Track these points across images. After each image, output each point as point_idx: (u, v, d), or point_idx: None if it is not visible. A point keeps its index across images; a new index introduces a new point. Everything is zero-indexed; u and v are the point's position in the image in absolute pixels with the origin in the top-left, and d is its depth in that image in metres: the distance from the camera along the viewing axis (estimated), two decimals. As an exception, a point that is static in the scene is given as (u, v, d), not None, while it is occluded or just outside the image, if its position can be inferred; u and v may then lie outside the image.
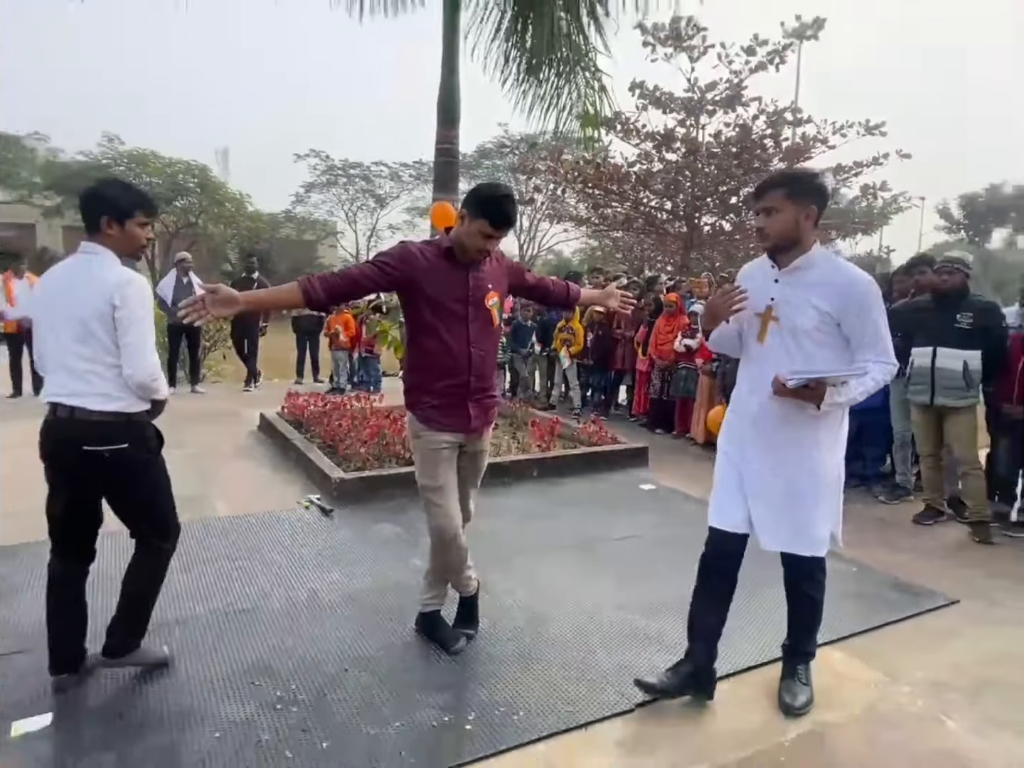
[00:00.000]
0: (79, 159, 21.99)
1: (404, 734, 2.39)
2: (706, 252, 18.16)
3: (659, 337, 7.38)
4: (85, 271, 2.47)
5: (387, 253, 2.72)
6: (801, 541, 2.66)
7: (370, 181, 25.60)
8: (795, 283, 2.43)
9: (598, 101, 7.81)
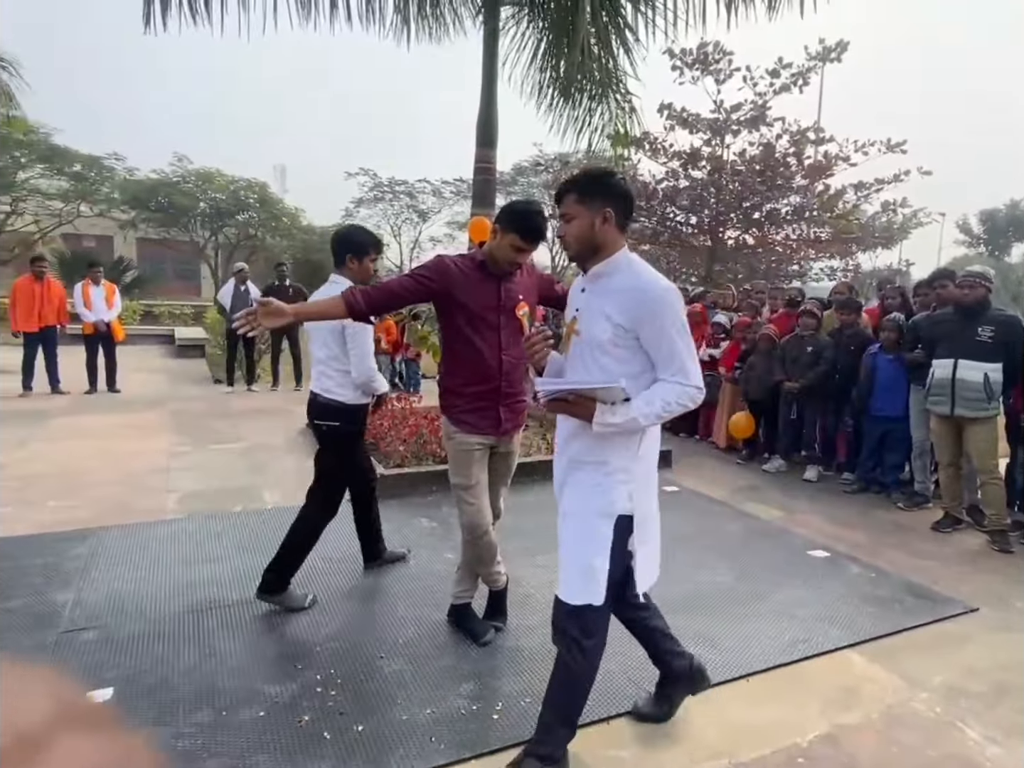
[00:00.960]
0: (152, 176, 22.51)
1: (435, 720, 2.36)
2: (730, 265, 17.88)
3: (684, 345, 7.24)
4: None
5: (424, 266, 2.71)
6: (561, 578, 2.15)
7: (414, 197, 25.76)
8: (597, 292, 2.06)
9: (628, 122, 7.75)
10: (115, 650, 2.71)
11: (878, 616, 3.29)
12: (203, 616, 3.01)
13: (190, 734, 2.24)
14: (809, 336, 5.78)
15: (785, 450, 6.01)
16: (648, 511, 2.15)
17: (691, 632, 3.02)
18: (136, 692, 2.45)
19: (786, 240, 15.47)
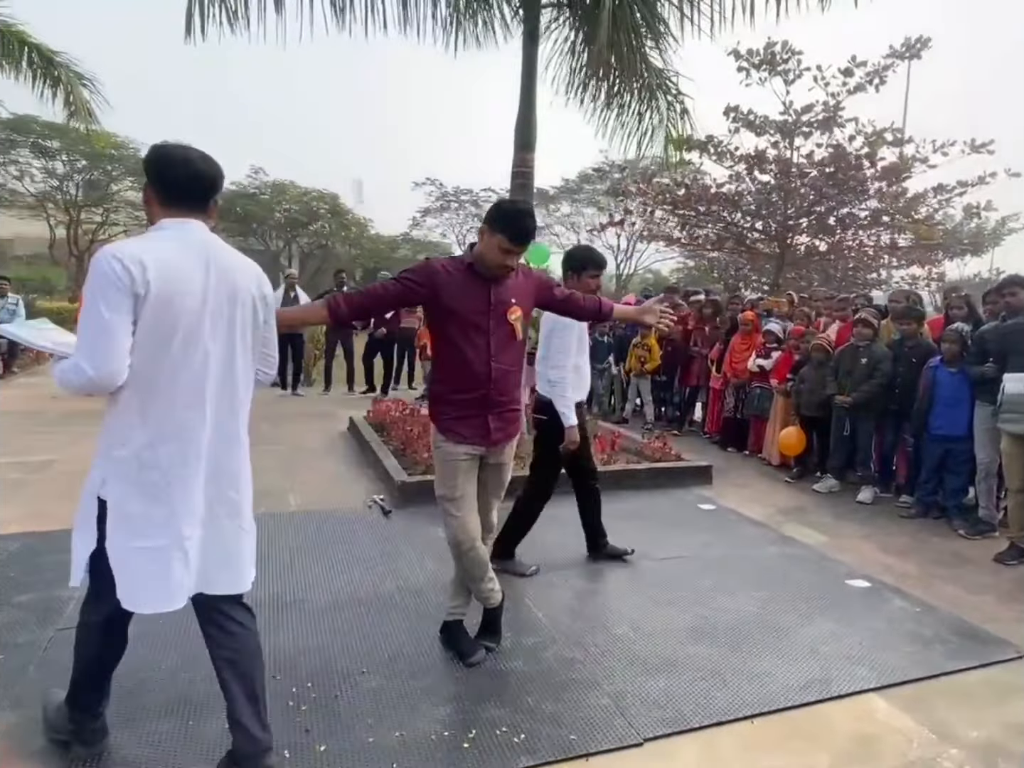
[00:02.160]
0: (231, 188, 23.64)
1: (401, 745, 2.24)
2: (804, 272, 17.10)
3: (734, 355, 6.91)
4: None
5: (411, 269, 2.63)
6: None
7: (479, 206, 26.03)
8: None
9: (680, 124, 7.50)
10: (104, 649, 2.72)
11: (915, 657, 2.95)
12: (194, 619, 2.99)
13: (152, 742, 2.21)
14: (864, 347, 5.38)
15: (838, 469, 5.60)
16: (132, 507, 1.88)
17: (696, 664, 2.81)
18: (113, 695, 2.44)
19: (861, 247, 14.65)
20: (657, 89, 7.21)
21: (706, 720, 2.45)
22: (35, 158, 23.00)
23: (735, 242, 14.89)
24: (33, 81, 10.00)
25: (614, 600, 3.40)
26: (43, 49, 9.98)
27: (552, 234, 29.34)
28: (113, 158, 23.13)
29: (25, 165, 23.29)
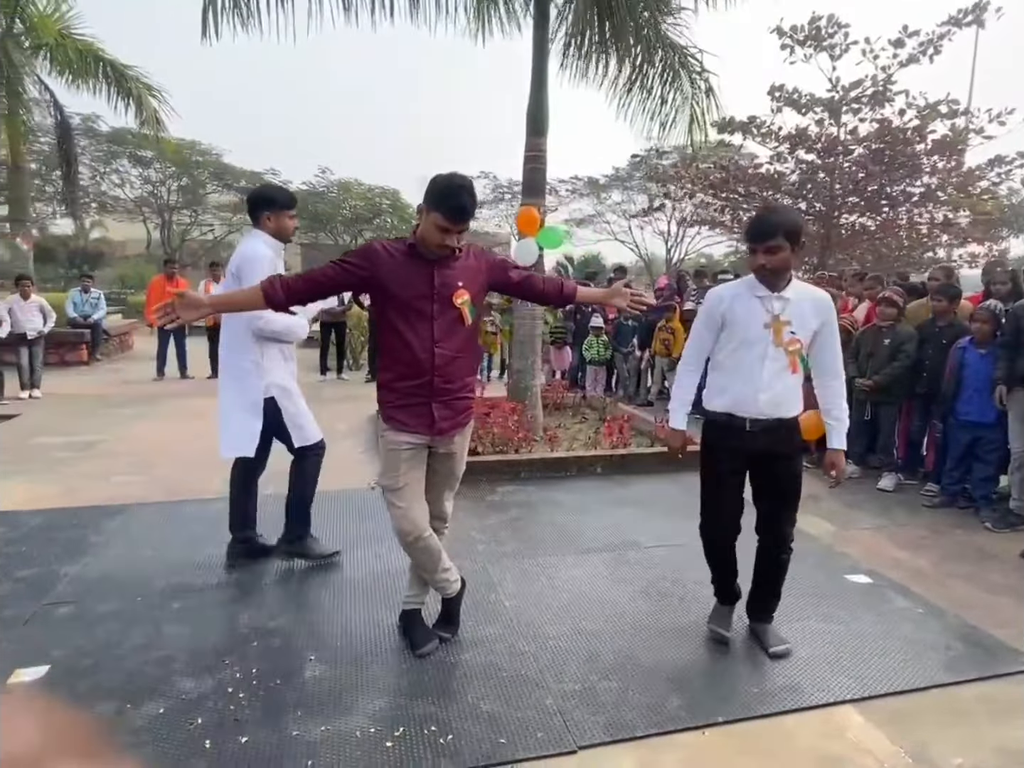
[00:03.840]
0: (302, 188, 24.05)
1: (322, 740, 2.06)
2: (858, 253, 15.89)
3: (757, 338, 6.38)
4: None
5: (352, 252, 2.41)
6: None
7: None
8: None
9: (704, 103, 6.94)
10: (75, 627, 2.67)
11: (906, 666, 2.55)
12: (171, 600, 2.92)
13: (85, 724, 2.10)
14: (887, 327, 4.82)
15: (858, 455, 5.07)
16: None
17: (657, 664, 2.51)
18: (67, 673, 2.37)
19: (912, 224, 13.46)
20: (680, 67, 6.68)
21: (652, 728, 2.16)
22: (132, 167, 24.08)
23: (779, 224, 13.96)
24: (108, 93, 10.32)
25: (589, 591, 3.12)
26: (116, 64, 10.28)
27: (604, 222, 28.56)
28: (199, 164, 23.94)
29: (124, 174, 24.44)
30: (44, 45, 9.80)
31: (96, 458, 5.17)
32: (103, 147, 22.78)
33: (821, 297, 2.43)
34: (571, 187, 25.59)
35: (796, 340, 2.39)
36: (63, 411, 6.85)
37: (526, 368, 5.83)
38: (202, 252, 25.96)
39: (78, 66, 10.06)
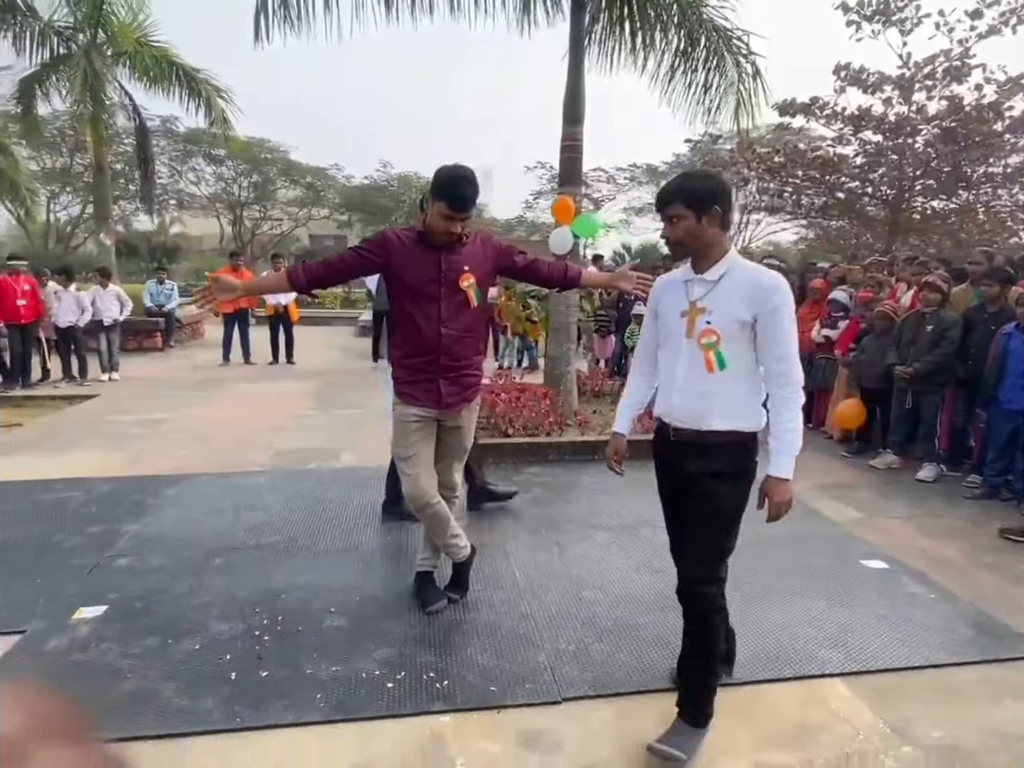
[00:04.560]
0: (364, 182, 24.84)
1: (332, 679, 2.30)
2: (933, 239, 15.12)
3: (801, 325, 6.23)
4: None
5: (367, 239, 2.63)
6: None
7: (588, 186, 25.40)
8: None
9: (751, 86, 6.83)
10: (130, 576, 3.02)
11: (905, 646, 2.57)
12: (214, 556, 3.24)
13: (131, 654, 2.42)
14: (930, 314, 4.68)
15: (898, 444, 4.96)
16: None
17: (650, 631, 2.63)
18: (120, 613, 2.70)
19: (990, 207, 12.71)
20: (726, 51, 6.60)
21: (637, 687, 2.29)
22: (207, 165, 25.46)
23: (842, 207, 13.43)
24: (180, 96, 11.02)
25: (596, 564, 3.25)
26: (187, 68, 10.95)
27: (664, 210, 28.03)
28: (268, 161, 25.04)
29: (200, 171, 25.87)
30: (124, 53, 10.56)
31: (162, 434, 5.65)
32: (180, 147, 24.19)
33: (759, 280, 1.87)
34: (630, 175, 25.34)
35: (710, 332, 1.89)
36: (137, 392, 7.47)
37: (561, 354, 5.95)
38: (271, 245, 27.19)
39: (154, 72, 10.78)
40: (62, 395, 7.38)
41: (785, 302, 1.86)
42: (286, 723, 2.09)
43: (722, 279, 1.91)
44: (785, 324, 1.86)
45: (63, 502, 3.96)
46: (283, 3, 5.00)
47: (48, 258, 17.27)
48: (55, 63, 10.27)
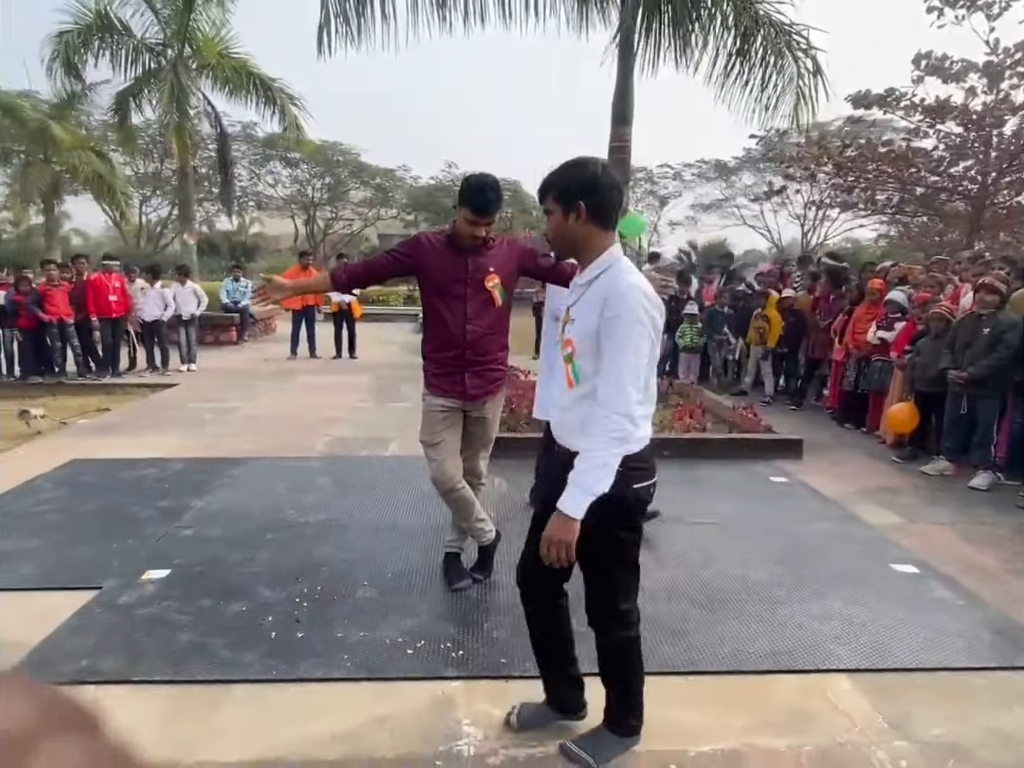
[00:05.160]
0: (430, 183, 25.46)
1: (359, 643, 2.53)
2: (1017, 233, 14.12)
3: (857, 326, 6.13)
4: None
5: (401, 243, 2.84)
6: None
7: (654, 182, 25.16)
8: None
9: (811, 82, 6.71)
10: (192, 545, 3.37)
11: (922, 647, 2.58)
12: (266, 531, 3.56)
13: (188, 611, 2.74)
14: (988, 316, 4.52)
15: (952, 451, 4.80)
16: None
17: (660, 619, 2.74)
18: (181, 576, 3.04)
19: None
20: (786, 48, 6.51)
21: (640, 668, 2.41)
22: (284, 168, 26.71)
23: (919, 203, 12.79)
24: (255, 102, 11.73)
25: (619, 555, 3.36)
26: (263, 77, 11.63)
27: (733, 206, 27.43)
28: (340, 163, 26.04)
29: (277, 174, 27.18)
30: (207, 65, 11.33)
31: (232, 421, 6.12)
32: (259, 151, 25.51)
33: (610, 285, 1.67)
34: (697, 171, 24.89)
35: (569, 342, 1.75)
36: (212, 382, 8.06)
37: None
38: (341, 244, 28.28)
39: (234, 82, 11.52)
40: (146, 383, 8.06)
41: (628, 313, 1.61)
42: (315, 678, 2.33)
43: (592, 284, 1.72)
44: (618, 337, 1.61)
45: (141, 478, 4.40)
46: (344, 19, 5.32)
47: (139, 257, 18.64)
48: (146, 77, 11.14)
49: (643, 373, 1.66)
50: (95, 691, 2.22)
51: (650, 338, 1.66)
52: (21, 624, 2.60)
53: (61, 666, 2.34)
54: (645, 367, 1.67)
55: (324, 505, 3.95)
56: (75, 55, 10.14)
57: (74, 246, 27.13)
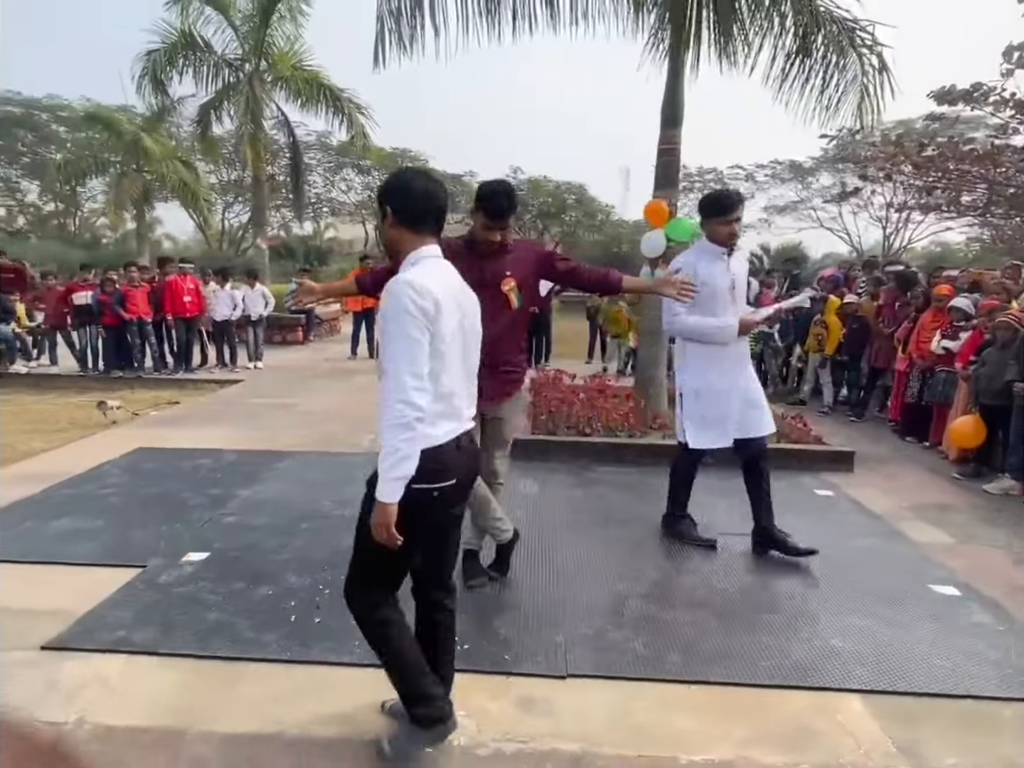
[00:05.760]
0: (495, 187, 25.76)
1: (371, 631, 2.63)
2: None
3: (922, 334, 5.82)
4: None
5: (422, 247, 2.94)
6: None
7: (724, 184, 24.50)
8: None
9: (877, 80, 6.40)
10: (233, 531, 3.58)
11: (949, 673, 2.44)
12: (302, 521, 3.74)
13: (219, 592, 2.91)
14: (1060, 324, 4.21)
15: (1018, 469, 4.49)
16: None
17: (672, 627, 2.72)
18: (218, 560, 3.24)
19: None
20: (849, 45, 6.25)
21: (643, 675, 2.40)
22: (356, 175, 27.67)
23: (1010, 205, 11.92)
24: (325, 112, 12.25)
25: (639, 561, 3.34)
26: (333, 88, 12.14)
27: (809, 208, 26.38)
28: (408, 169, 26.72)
29: (350, 181, 28.18)
30: (281, 78, 11.92)
31: (288, 416, 6.42)
32: (333, 158, 26.52)
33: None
34: (770, 172, 24.09)
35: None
36: (275, 379, 8.48)
37: (651, 359, 5.99)
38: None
39: (306, 93, 12.07)
40: (215, 379, 8.56)
41: (394, 304, 1.69)
42: (326, 661, 2.45)
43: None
44: (389, 328, 1.71)
45: (197, 467, 4.70)
46: (397, 31, 5.51)
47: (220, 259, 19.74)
48: (226, 90, 11.83)
49: (422, 363, 1.69)
50: (126, 660, 2.42)
51: (422, 328, 1.69)
52: (72, 596, 2.85)
53: (99, 635, 2.55)
54: (425, 358, 1.70)
55: (358, 500, 4.07)
56: (162, 72, 10.91)
57: (164, 249, 29.06)
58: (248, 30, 11.47)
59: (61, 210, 28.84)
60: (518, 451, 5.06)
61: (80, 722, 2.09)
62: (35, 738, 0.39)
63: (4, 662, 2.38)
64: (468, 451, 1.92)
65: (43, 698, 2.20)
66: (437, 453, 1.79)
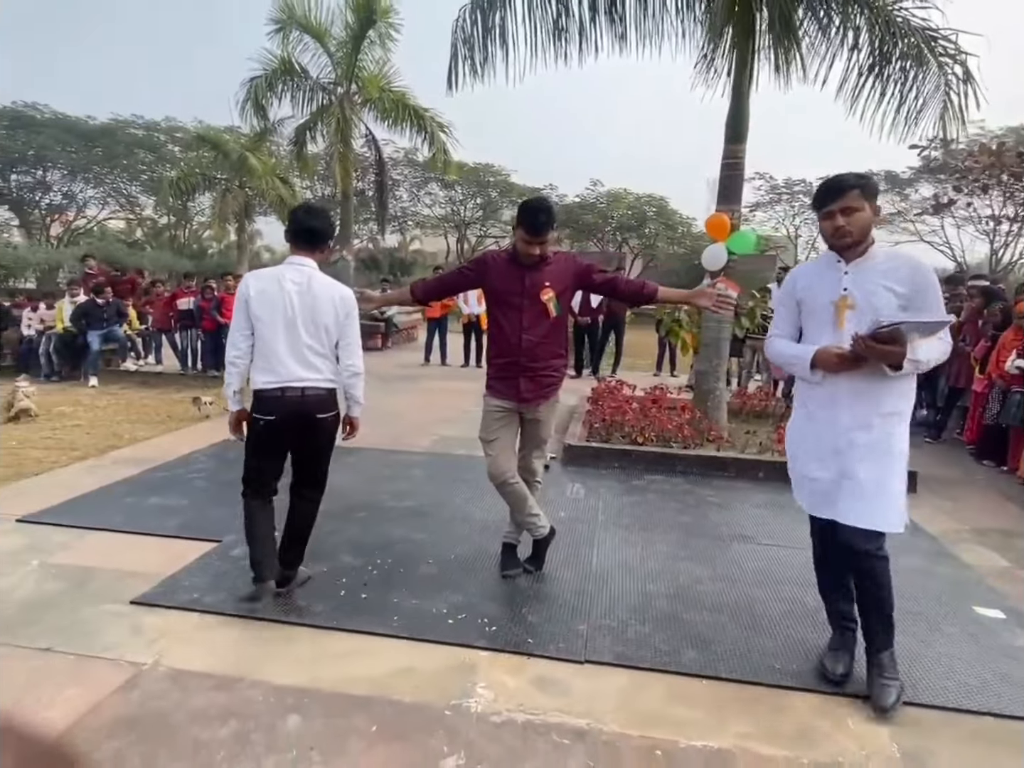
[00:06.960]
0: (574, 200, 26.00)
1: (410, 609, 2.88)
2: None
3: (1002, 353, 5.53)
4: None
5: (469, 261, 3.21)
6: (877, 516, 2.32)
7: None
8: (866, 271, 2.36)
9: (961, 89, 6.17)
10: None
11: (978, 691, 2.41)
12: (359, 511, 4.05)
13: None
14: None
15: (1100, 497, 4.22)
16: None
17: (693, 626, 2.82)
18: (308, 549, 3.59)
19: None
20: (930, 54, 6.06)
21: (656, 666, 2.52)
22: (440, 189, 28.66)
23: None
24: (409, 130, 12.90)
25: (674, 565, 3.43)
26: (417, 108, 12.76)
27: (907, 221, 24.99)
28: (491, 184, 27.43)
29: (434, 195, 29.23)
30: (370, 99, 12.66)
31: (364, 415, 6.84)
32: (419, 174, 27.61)
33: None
34: (862, 183, 23.07)
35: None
36: (351, 383, 9.00)
37: (710, 370, 6.00)
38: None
39: (392, 113, 12.75)
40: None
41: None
42: (365, 631, 2.71)
43: None
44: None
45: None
46: (470, 58, 5.86)
47: (311, 270, 20.94)
48: (320, 112, 12.69)
49: (237, 333, 2.82)
50: (198, 617, 2.78)
51: (240, 307, 2.80)
52: (160, 562, 3.27)
53: (178, 596, 2.93)
54: (236, 330, 2.82)
55: (413, 494, 4.40)
56: (263, 97, 11.87)
57: (264, 260, 31.10)
58: (341, 56, 12.28)
59: (173, 223, 31.44)
60: (570, 456, 5.26)
61: (156, 664, 2.45)
62: (36, 738, 0.48)
63: (101, 612, 2.80)
64: (290, 400, 2.79)
65: (129, 642, 2.58)
66: (259, 395, 2.80)
